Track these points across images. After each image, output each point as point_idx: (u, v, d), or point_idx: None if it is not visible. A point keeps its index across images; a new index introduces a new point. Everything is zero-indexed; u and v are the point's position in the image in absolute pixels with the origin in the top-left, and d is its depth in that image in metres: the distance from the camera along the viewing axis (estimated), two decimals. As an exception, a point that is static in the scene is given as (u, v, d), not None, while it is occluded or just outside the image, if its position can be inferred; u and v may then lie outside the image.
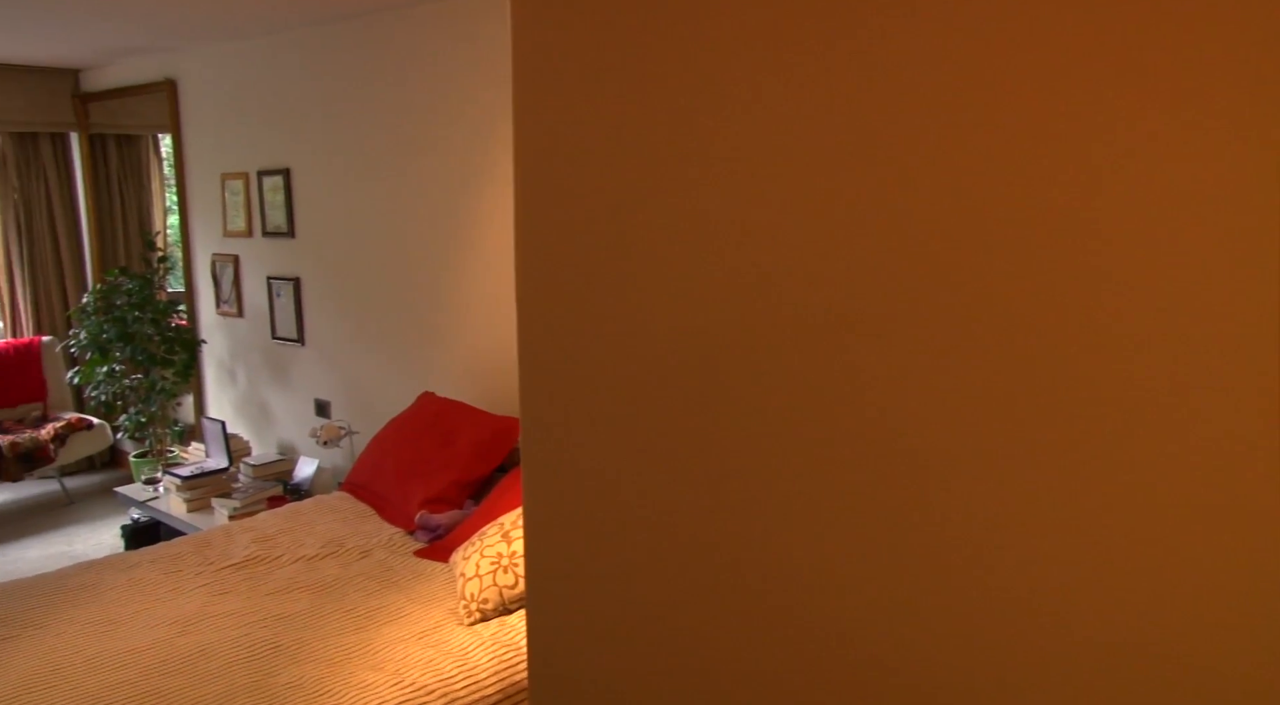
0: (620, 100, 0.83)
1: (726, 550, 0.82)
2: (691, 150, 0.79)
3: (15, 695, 2.20)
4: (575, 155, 0.88)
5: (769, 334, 0.76)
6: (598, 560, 0.94)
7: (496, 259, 3.57)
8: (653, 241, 0.83)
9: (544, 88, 0.90)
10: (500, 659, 2.37)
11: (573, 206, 0.89)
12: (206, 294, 5.10)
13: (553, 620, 1.00)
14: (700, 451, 0.83)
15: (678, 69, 0.79)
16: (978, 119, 0.64)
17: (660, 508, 0.87)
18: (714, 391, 0.80)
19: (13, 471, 4.95)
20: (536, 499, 0.98)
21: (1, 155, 5.61)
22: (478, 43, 3.49)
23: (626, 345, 0.86)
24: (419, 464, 3.33)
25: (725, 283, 0.78)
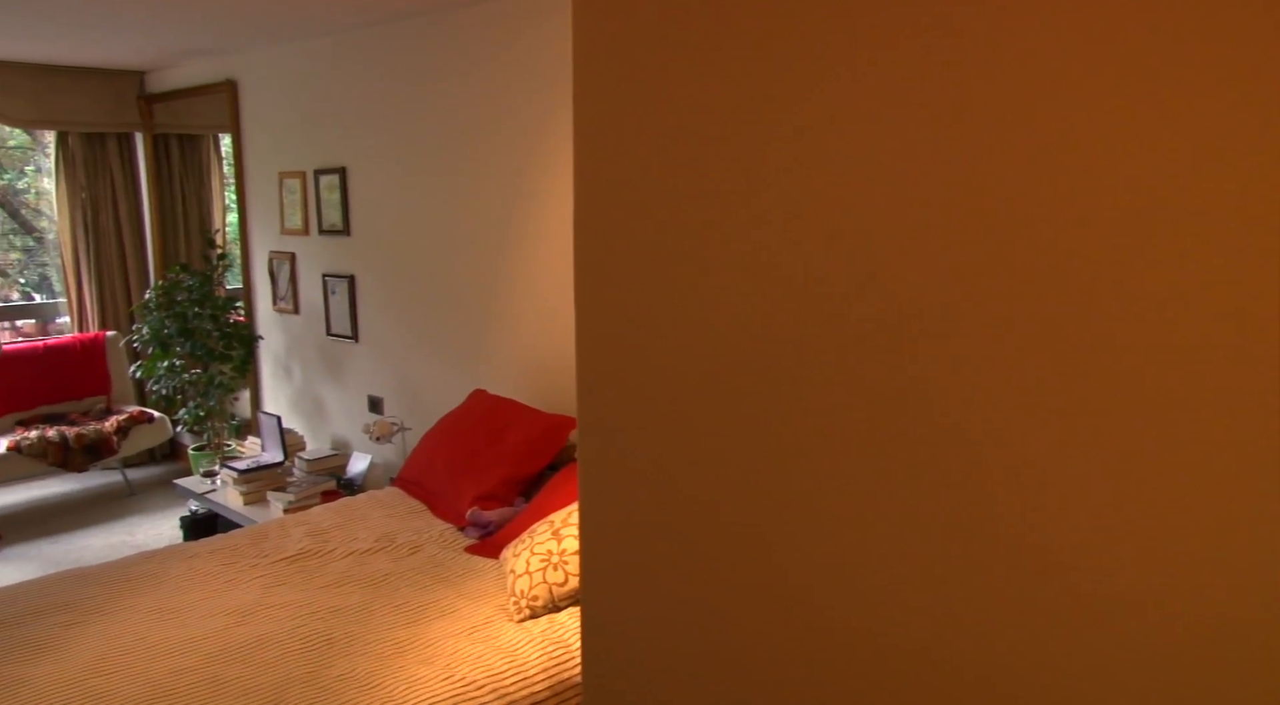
0: (681, 100, 0.84)
1: (784, 552, 0.82)
2: (754, 151, 0.79)
3: (83, 678, 2.26)
4: (635, 155, 0.88)
5: (829, 335, 0.75)
6: (653, 560, 0.94)
7: (548, 258, 3.59)
8: (713, 242, 0.83)
9: (604, 87, 0.91)
10: (550, 655, 2.39)
11: (631, 207, 0.90)
12: (264, 291, 5.19)
13: (607, 618, 1.01)
14: (757, 453, 0.82)
15: (742, 70, 0.79)
16: (1046, 121, 0.63)
17: (716, 509, 0.87)
18: (772, 392, 0.80)
19: (78, 462, 5.08)
20: (593, 498, 0.99)
21: (71, 155, 5.77)
22: (532, 42, 3.52)
23: (684, 346, 0.87)
24: (470, 461, 3.36)
25: (786, 283, 0.78)
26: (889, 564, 0.75)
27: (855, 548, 0.77)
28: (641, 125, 0.87)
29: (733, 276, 0.81)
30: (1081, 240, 0.62)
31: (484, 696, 2.22)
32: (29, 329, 6.51)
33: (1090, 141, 0.61)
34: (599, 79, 0.91)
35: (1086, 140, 0.61)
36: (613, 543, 0.99)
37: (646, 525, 0.94)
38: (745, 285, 0.81)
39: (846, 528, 0.77)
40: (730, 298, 0.82)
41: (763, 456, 0.82)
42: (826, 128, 0.74)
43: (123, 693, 2.20)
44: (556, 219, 3.53)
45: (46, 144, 6.34)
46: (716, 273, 0.83)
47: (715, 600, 0.89)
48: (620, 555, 0.98)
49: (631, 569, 0.97)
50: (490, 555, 2.98)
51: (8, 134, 6.88)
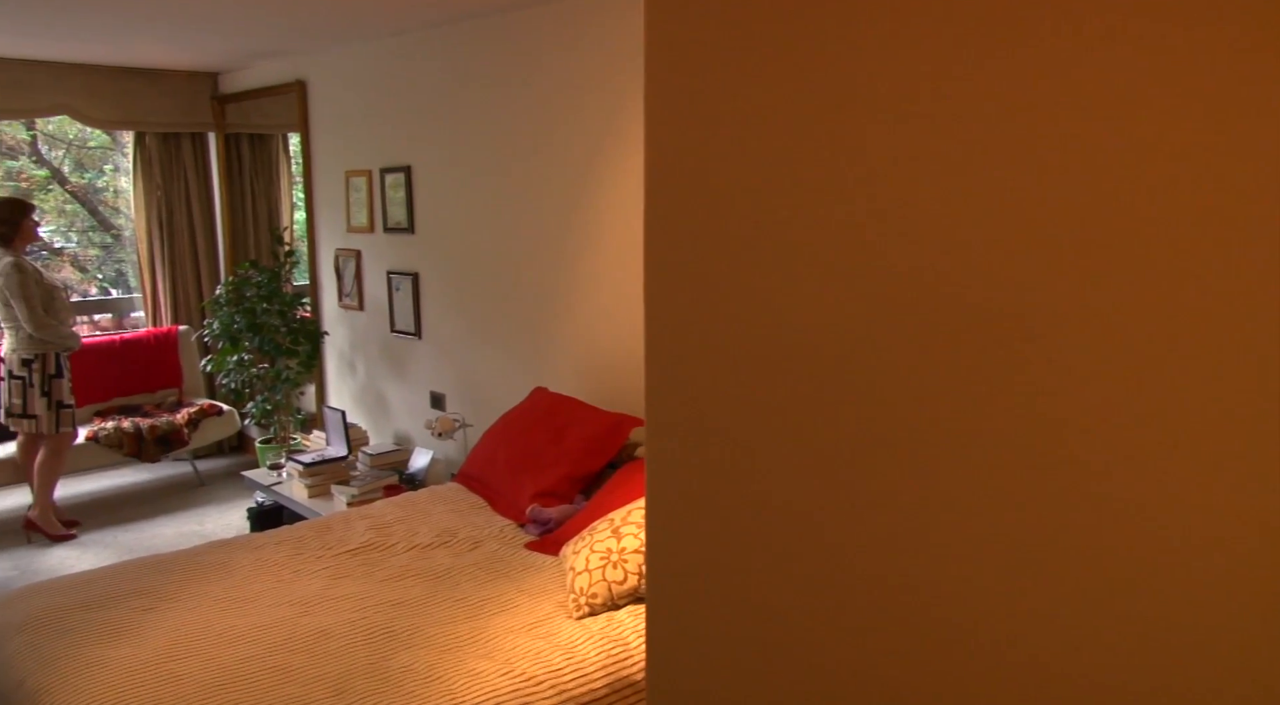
0: (761, 97, 0.83)
1: (861, 553, 0.81)
2: (841, 148, 0.78)
3: (157, 662, 2.33)
4: (710, 154, 0.88)
5: (921, 332, 0.74)
6: (721, 559, 0.94)
7: (609, 257, 3.60)
8: (796, 238, 0.82)
9: (677, 84, 0.91)
10: (608, 654, 2.40)
11: (705, 206, 0.89)
12: (330, 287, 5.29)
13: (673, 617, 1.01)
14: (839, 453, 0.82)
15: (829, 65, 0.78)
16: (1159, 117, 0.61)
17: (790, 508, 0.86)
18: (853, 391, 0.79)
19: (151, 453, 5.23)
20: (660, 497, 0.99)
21: (148, 155, 5.93)
22: (596, 41, 3.53)
23: (759, 345, 0.86)
24: (531, 458, 3.39)
25: (871, 281, 0.77)
26: (975, 565, 0.74)
27: (938, 548, 0.76)
28: (717, 122, 0.87)
29: (814, 275, 0.81)
30: (1200, 236, 0.61)
31: (543, 692, 2.24)
32: (106, 323, 6.71)
33: (1220, 139, 0.60)
34: (672, 76, 0.91)
35: (1217, 137, 0.60)
36: (680, 542, 0.98)
37: (715, 524, 0.94)
38: (827, 284, 0.80)
39: (930, 528, 0.76)
40: (810, 296, 0.81)
41: (841, 456, 0.81)
42: (921, 123, 0.73)
43: (195, 677, 2.26)
44: (617, 219, 3.54)
45: (125, 144, 6.53)
46: (797, 272, 0.82)
47: (786, 601, 0.88)
48: (687, 554, 0.98)
49: (699, 568, 0.97)
50: (550, 552, 3.00)
51: (89, 135, 7.10)
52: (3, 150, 7.07)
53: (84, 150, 7.33)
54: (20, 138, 7.03)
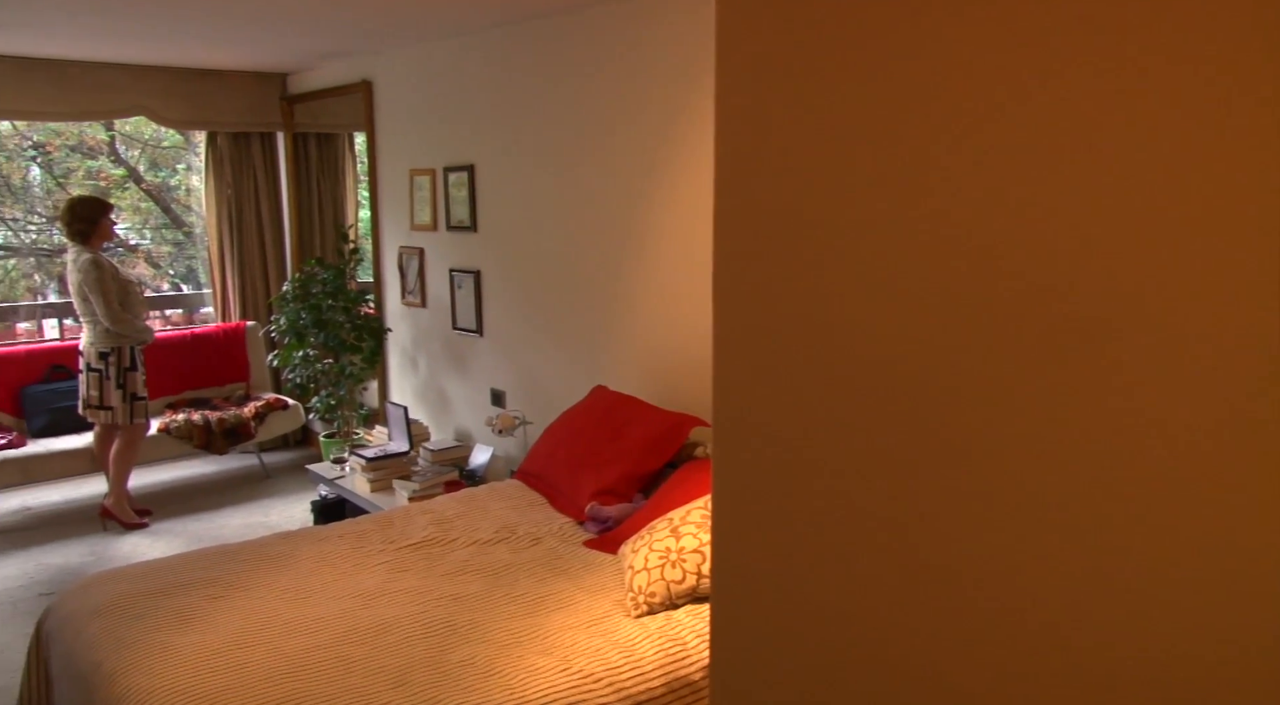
0: (836, 97, 0.82)
1: (938, 560, 0.80)
2: (920, 145, 0.77)
3: (225, 650, 2.38)
4: (783, 154, 0.87)
5: (996, 336, 0.73)
6: (789, 562, 0.93)
7: (670, 257, 3.60)
8: (868, 241, 0.81)
9: (749, 83, 0.90)
10: (666, 652, 2.39)
11: (776, 206, 0.89)
12: (393, 284, 5.36)
13: (738, 619, 1.00)
14: (911, 454, 0.80)
15: (907, 63, 0.77)
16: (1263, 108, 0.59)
17: (861, 512, 0.85)
18: (928, 393, 0.78)
19: (219, 445, 5.35)
20: (727, 498, 0.98)
21: (219, 154, 6.07)
22: (657, 41, 3.53)
23: (830, 346, 0.85)
24: (590, 456, 3.40)
25: (950, 283, 0.75)
26: (1055, 572, 0.72)
27: (1017, 554, 0.74)
28: (790, 123, 0.86)
29: (886, 278, 0.80)
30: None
31: (601, 690, 2.24)
32: (176, 318, 6.89)
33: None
34: (743, 74, 0.91)
35: None
36: (745, 542, 0.98)
37: (783, 527, 0.93)
38: (900, 287, 0.79)
39: (1006, 533, 0.74)
40: (882, 299, 0.80)
41: (913, 458, 0.80)
42: (1004, 120, 0.71)
43: (261, 665, 2.31)
44: (678, 219, 3.54)
45: (196, 144, 6.69)
46: (869, 275, 0.81)
47: (854, 605, 0.87)
48: (753, 555, 0.97)
49: (764, 568, 0.96)
50: (609, 550, 3.01)
51: (163, 135, 7.29)
52: (84, 150, 7.29)
53: (158, 150, 7.54)
54: (100, 138, 7.25)
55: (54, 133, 7.02)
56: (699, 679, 2.36)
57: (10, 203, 7.19)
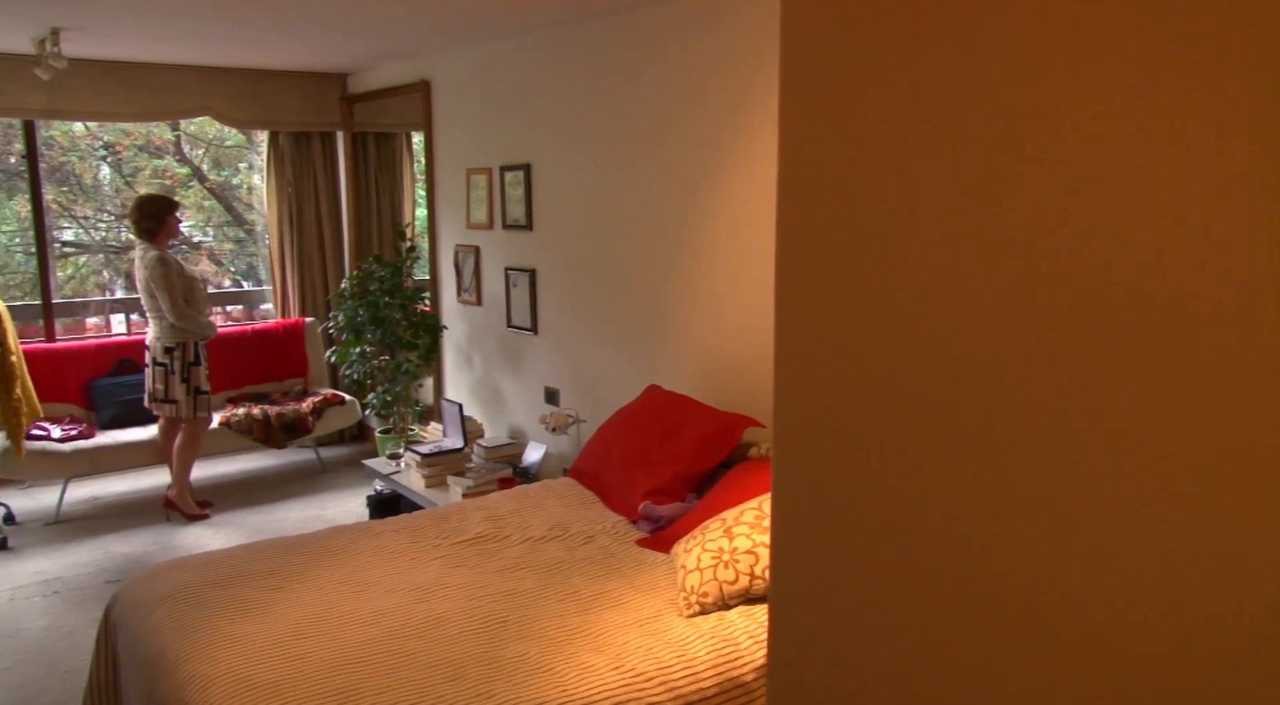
0: (902, 97, 0.81)
1: (1008, 558, 0.78)
2: (986, 144, 0.75)
3: (284, 640, 2.42)
4: (848, 154, 0.87)
5: (1078, 338, 0.71)
6: (850, 562, 0.92)
7: (725, 257, 3.58)
8: (934, 239, 0.80)
9: (814, 83, 0.89)
10: (718, 653, 2.39)
11: (841, 206, 0.88)
12: (449, 282, 5.41)
13: (797, 619, 0.99)
14: (978, 455, 0.79)
15: (974, 63, 0.76)
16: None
17: (924, 514, 0.84)
18: (998, 392, 0.77)
19: (278, 439, 5.45)
20: (787, 498, 0.97)
21: (281, 153, 6.18)
22: (713, 40, 3.52)
23: (893, 346, 0.84)
24: (644, 455, 3.40)
25: (1020, 283, 0.74)
26: (1128, 578, 0.70)
27: (1087, 554, 0.73)
28: (856, 122, 0.85)
29: (954, 277, 0.78)
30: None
31: (653, 689, 2.24)
32: (237, 314, 7.03)
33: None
34: (809, 74, 0.90)
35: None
36: (807, 544, 0.97)
37: (845, 528, 0.92)
38: (968, 285, 0.77)
39: (1080, 538, 0.73)
40: (950, 298, 0.79)
41: (979, 458, 0.78)
42: (1077, 117, 0.70)
43: (319, 656, 2.34)
44: (735, 219, 3.52)
45: (258, 143, 6.82)
46: (935, 273, 0.80)
47: (916, 608, 0.86)
48: (814, 557, 0.96)
49: (826, 572, 0.95)
50: (661, 549, 3.01)
51: (226, 134, 7.45)
52: (151, 149, 7.47)
53: (221, 149, 7.70)
54: (166, 138, 7.42)
55: (123, 133, 7.20)
56: (751, 680, 2.35)
57: (82, 201, 7.40)
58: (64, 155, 7.10)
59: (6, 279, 6.78)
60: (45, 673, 3.44)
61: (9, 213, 6.80)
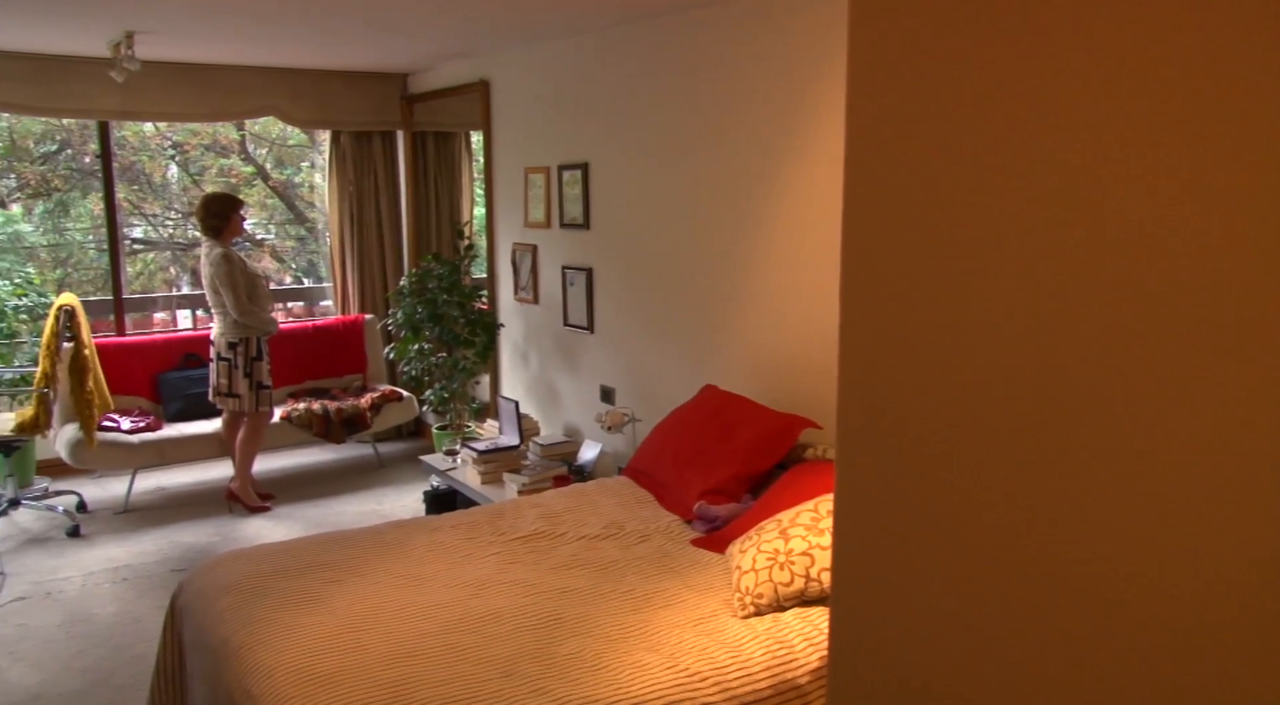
0: (967, 91, 0.80)
1: (1079, 563, 0.76)
2: (1058, 142, 0.74)
3: (342, 632, 2.46)
4: (918, 154, 0.85)
5: (1142, 340, 0.70)
6: (914, 564, 0.91)
7: (784, 257, 3.56)
8: (1003, 237, 0.79)
9: (882, 84, 0.88)
10: (773, 654, 2.37)
11: (911, 207, 0.86)
12: (506, 281, 5.45)
13: (859, 622, 0.98)
14: (1043, 456, 0.77)
15: (1046, 62, 0.74)
16: None
17: (991, 517, 0.82)
18: (1067, 394, 0.75)
19: (337, 434, 5.53)
20: (850, 500, 0.96)
21: (342, 152, 6.27)
22: (771, 39, 3.50)
23: (971, 348, 0.83)
24: (699, 455, 3.39)
25: (1093, 285, 0.72)
26: (1204, 582, 0.68)
27: (1157, 562, 0.71)
28: (921, 122, 0.84)
29: (1032, 277, 0.77)
30: None
31: (707, 689, 2.24)
32: (298, 311, 7.16)
33: None
34: (877, 75, 0.89)
35: None
36: (869, 546, 0.96)
37: (907, 529, 0.91)
38: (1047, 285, 0.76)
39: (1157, 540, 0.71)
40: (1018, 296, 0.78)
41: (1057, 463, 0.77)
42: (1140, 122, 0.68)
43: (376, 648, 2.37)
44: (792, 218, 3.50)
45: (320, 143, 6.93)
46: (1012, 273, 0.78)
47: (985, 613, 0.84)
48: (877, 558, 0.95)
49: (890, 574, 0.94)
50: (716, 550, 3.00)
51: (288, 134, 7.59)
52: (217, 149, 7.64)
53: (284, 148, 7.85)
54: (232, 137, 7.58)
55: (191, 133, 7.38)
56: (806, 683, 2.34)
57: (151, 199, 7.59)
58: (135, 155, 7.29)
59: (80, 275, 6.98)
60: (115, 656, 3.54)
61: (83, 211, 7.00)
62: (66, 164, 7.09)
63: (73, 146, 7.07)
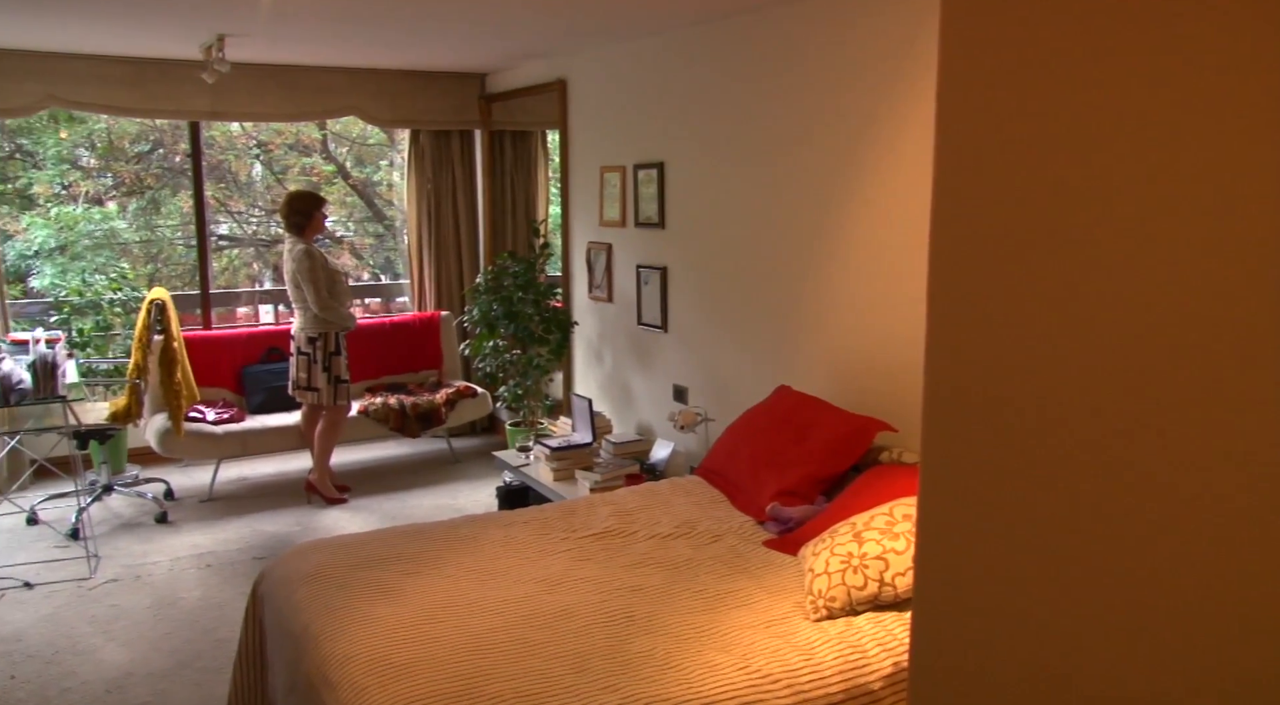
0: (1062, 90, 0.77)
1: (1180, 573, 0.74)
2: (1152, 142, 0.71)
3: (416, 623, 2.50)
4: (1014, 153, 0.83)
5: (1252, 344, 0.67)
6: (1001, 571, 0.88)
7: (861, 258, 3.51)
8: (1097, 236, 0.76)
9: (976, 83, 0.86)
10: (845, 659, 2.34)
11: (1004, 209, 0.84)
12: (581, 279, 5.48)
13: (943, 627, 0.96)
14: (1142, 467, 0.75)
15: (1160, 52, 0.72)
16: None
17: (1083, 529, 0.80)
18: (1170, 401, 0.72)
19: (412, 429, 5.62)
20: (936, 506, 0.94)
21: (421, 151, 6.37)
22: (852, 37, 3.45)
23: (1052, 348, 0.80)
24: (773, 456, 3.37)
25: (1195, 288, 0.70)
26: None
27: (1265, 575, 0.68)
28: (1014, 119, 0.82)
29: (1133, 278, 0.74)
30: None
31: (779, 691, 2.22)
32: (374, 307, 7.29)
33: None
34: (970, 74, 0.87)
35: None
36: (954, 550, 0.94)
37: (992, 534, 0.88)
38: (1153, 288, 0.73)
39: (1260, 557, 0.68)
40: (1111, 295, 0.75)
41: (1141, 469, 0.74)
42: (1240, 122, 0.65)
43: (449, 641, 2.40)
44: (871, 219, 3.45)
45: (399, 141, 7.05)
46: (1113, 274, 0.76)
47: (1067, 619, 0.82)
48: (962, 563, 0.93)
49: (976, 581, 0.92)
50: (788, 551, 2.97)
51: (368, 133, 7.73)
52: (300, 148, 7.82)
53: (364, 147, 8.00)
54: (314, 137, 7.76)
55: (275, 132, 7.57)
56: (879, 689, 2.30)
57: (236, 197, 7.81)
58: (222, 154, 7.51)
59: (169, 270, 7.21)
60: (200, 638, 3.65)
61: (173, 208, 7.23)
62: (158, 163, 7.33)
63: (164, 146, 7.31)
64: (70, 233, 6.58)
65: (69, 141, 6.95)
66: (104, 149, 7.12)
